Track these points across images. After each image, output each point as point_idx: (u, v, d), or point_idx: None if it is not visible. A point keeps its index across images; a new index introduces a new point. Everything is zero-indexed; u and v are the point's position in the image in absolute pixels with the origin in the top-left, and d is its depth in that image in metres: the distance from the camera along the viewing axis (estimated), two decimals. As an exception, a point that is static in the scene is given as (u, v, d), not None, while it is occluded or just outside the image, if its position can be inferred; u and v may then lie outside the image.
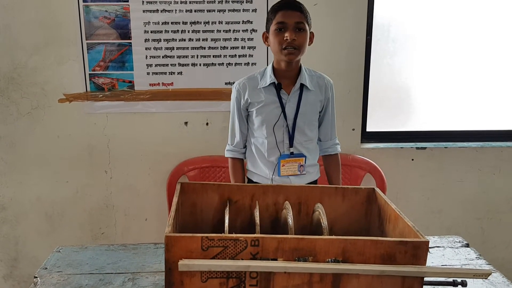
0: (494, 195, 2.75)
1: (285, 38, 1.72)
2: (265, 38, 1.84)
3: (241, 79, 1.91)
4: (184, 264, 1.08)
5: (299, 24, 1.73)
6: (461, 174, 2.71)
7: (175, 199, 1.32)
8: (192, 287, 1.11)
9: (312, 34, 1.80)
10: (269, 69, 1.86)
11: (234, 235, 1.10)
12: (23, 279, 2.68)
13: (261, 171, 1.93)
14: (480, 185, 2.73)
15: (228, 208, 1.33)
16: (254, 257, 1.10)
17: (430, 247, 1.70)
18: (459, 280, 1.31)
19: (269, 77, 1.84)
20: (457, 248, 1.73)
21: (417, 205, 2.65)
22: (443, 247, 1.73)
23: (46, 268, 1.56)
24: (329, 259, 1.11)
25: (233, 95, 1.92)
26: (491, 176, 2.72)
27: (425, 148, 2.68)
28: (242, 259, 1.10)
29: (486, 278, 1.14)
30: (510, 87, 2.78)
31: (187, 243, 1.09)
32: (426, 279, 1.17)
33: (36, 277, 1.50)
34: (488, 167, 2.71)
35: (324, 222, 1.26)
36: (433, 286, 1.40)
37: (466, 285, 1.29)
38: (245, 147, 1.98)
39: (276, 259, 1.11)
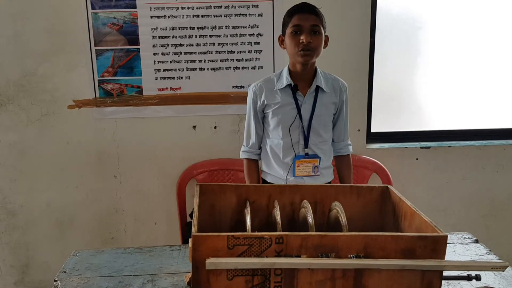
0: (498, 192, 2.80)
1: (301, 41, 1.76)
2: (281, 41, 1.88)
3: (258, 81, 1.95)
4: (212, 262, 1.10)
5: (315, 27, 1.77)
6: (465, 172, 2.76)
7: (196, 200, 1.35)
8: (218, 285, 1.14)
9: (327, 37, 1.85)
10: (285, 71, 1.90)
11: (259, 233, 1.13)
12: (34, 285, 2.69)
13: (275, 172, 1.96)
14: (484, 182, 2.78)
15: (248, 207, 1.35)
16: (278, 255, 1.13)
17: (441, 244, 1.74)
18: (473, 274, 1.35)
19: (285, 79, 1.88)
20: (467, 244, 1.76)
21: (422, 203, 2.66)
22: (453, 243, 1.76)
23: (65, 272, 1.57)
24: (351, 255, 1.14)
25: (250, 97, 1.95)
26: (495, 174, 2.77)
27: (429, 147, 2.72)
28: (267, 257, 1.13)
29: (503, 271, 1.17)
30: (510, 87, 2.83)
31: (213, 242, 1.12)
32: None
33: (56, 281, 1.51)
34: (492, 165, 2.76)
35: (343, 219, 1.29)
36: (448, 281, 1.45)
37: (480, 279, 1.33)
38: (260, 148, 2.01)
39: (299, 256, 1.14)
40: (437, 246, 1.15)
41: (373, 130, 2.76)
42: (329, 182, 2.00)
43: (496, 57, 2.79)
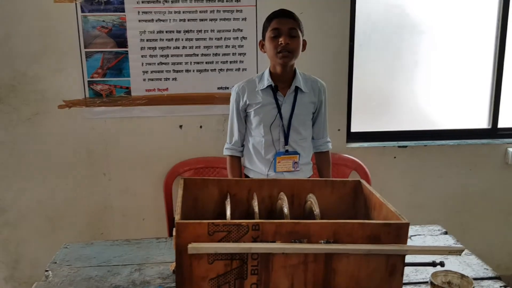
0: (471, 189, 2.92)
1: (279, 43, 1.87)
2: (262, 45, 1.98)
3: (240, 82, 2.05)
4: (193, 247, 1.20)
5: (292, 31, 1.88)
6: (440, 170, 2.87)
7: (180, 192, 1.44)
8: (200, 268, 1.23)
9: (304, 41, 1.95)
10: (266, 73, 2.00)
11: (237, 221, 1.23)
12: (24, 281, 2.75)
13: (257, 167, 2.06)
14: (458, 180, 2.90)
15: (229, 199, 1.45)
16: (255, 240, 1.22)
17: (412, 235, 1.84)
18: (437, 261, 1.46)
19: (266, 80, 1.98)
20: (436, 235, 1.87)
21: (399, 200, 2.79)
22: (424, 234, 1.87)
23: (55, 263, 1.63)
24: (322, 241, 1.24)
25: (233, 97, 2.05)
26: (468, 172, 2.89)
27: (406, 146, 2.83)
28: (244, 242, 1.23)
29: (459, 255, 1.28)
30: (484, 89, 2.95)
31: (195, 228, 1.21)
32: (407, 260, 1.30)
33: (47, 271, 1.58)
34: (465, 163, 2.88)
35: (316, 209, 1.39)
36: (414, 267, 1.56)
37: (444, 265, 1.44)
38: (242, 145, 2.11)
39: (274, 242, 1.23)
40: (400, 232, 1.26)
41: (353, 130, 2.86)
42: (308, 178, 2.10)
43: (470, 61, 2.91)
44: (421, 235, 1.87)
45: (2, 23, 2.45)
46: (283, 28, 1.87)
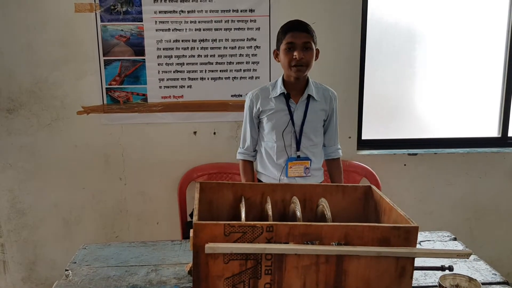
0: (481, 197, 2.94)
1: (294, 57, 1.92)
2: (276, 55, 2.03)
3: (254, 89, 2.11)
4: (210, 247, 1.25)
5: (307, 44, 1.93)
6: (450, 178, 2.90)
7: (196, 195, 1.49)
8: (216, 268, 1.28)
9: (317, 50, 2.00)
10: (280, 81, 2.06)
11: (252, 222, 1.28)
12: (41, 281, 2.82)
13: (270, 172, 2.11)
14: (468, 188, 2.92)
15: (243, 201, 1.50)
16: (269, 241, 1.27)
17: (421, 241, 1.88)
18: (446, 265, 1.50)
19: (279, 88, 2.04)
20: (445, 241, 1.89)
21: (409, 207, 2.81)
22: (433, 240, 1.89)
23: (75, 263, 1.69)
24: (333, 243, 1.28)
25: (247, 104, 2.11)
26: (478, 180, 2.91)
27: (416, 154, 2.87)
28: (258, 243, 1.28)
29: (467, 258, 1.32)
30: (494, 98, 2.98)
31: (212, 229, 1.26)
32: (416, 264, 1.34)
33: (67, 270, 1.63)
34: (475, 171, 2.90)
35: (328, 213, 1.44)
36: (424, 271, 1.59)
37: (452, 269, 1.48)
38: (255, 150, 2.16)
39: (288, 243, 1.28)
40: (409, 235, 1.29)
41: (363, 137, 2.90)
42: (320, 183, 2.14)
43: (480, 69, 2.93)
44: (431, 241, 1.89)
45: (25, 32, 2.54)
46: (298, 42, 1.92)
